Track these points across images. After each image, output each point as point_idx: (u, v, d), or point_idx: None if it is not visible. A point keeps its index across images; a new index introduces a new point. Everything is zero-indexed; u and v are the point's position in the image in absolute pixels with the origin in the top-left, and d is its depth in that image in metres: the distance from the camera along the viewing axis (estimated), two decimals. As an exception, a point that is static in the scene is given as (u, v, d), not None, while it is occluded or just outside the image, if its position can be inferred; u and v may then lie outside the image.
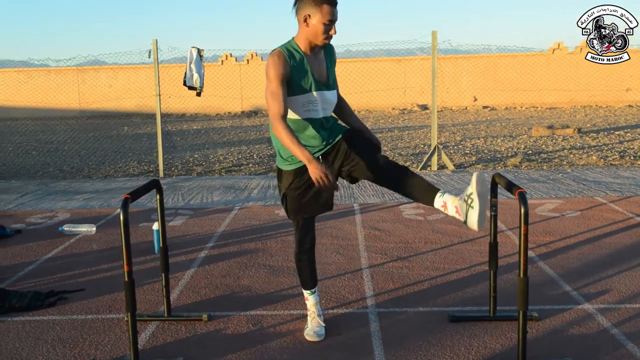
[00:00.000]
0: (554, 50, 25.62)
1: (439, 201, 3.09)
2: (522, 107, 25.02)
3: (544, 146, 12.06)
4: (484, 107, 25.19)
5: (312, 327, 3.48)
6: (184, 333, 3.56)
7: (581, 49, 25.35)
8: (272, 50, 3.18)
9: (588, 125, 16.31)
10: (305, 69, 3.14)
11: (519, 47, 23.55)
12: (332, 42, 3.22)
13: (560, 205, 6.58)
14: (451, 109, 25.07)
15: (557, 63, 25.41)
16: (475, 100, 25.87)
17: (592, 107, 24.17)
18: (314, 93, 3.16)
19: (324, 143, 3.25)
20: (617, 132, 14.18)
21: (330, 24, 3.09)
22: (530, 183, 7.93)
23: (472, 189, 2.97)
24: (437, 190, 3.13)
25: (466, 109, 25.23)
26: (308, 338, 3.43)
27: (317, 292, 3.60)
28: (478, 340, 3.36)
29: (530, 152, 11.26)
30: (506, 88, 24.99)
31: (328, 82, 3.24)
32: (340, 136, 3.28)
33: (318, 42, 3.15)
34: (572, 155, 10.62)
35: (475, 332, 3.46)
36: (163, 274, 3.74)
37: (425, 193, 3.15)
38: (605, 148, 11.47)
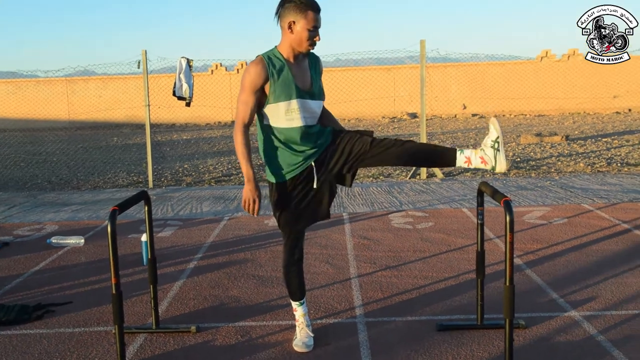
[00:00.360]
0: (541, 58, 25.82)
1: (461, 158, 3.22)
2: (510, 115, 25.18)
3: (532, 153, 12.14)
4: (473, 115, 25.33)
5: (301, 338, 3.48)
6: (173, 345, 3.56)
7: (569, 56, 25.58)
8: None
9: (576, 132, 16.44)
10: (287, 77, 3.15)
11: (507, 56, 23.74)
12: (321, 51, 3.25)
13: (547, 212, 6.62)
14: (440, 117, 25.19)
15: (545, 71, 25.60)
16: (464, 108, 26.00)
17: (580, 115, 24.36)
18: (295, 101, 3.16)
19: (313, 148, 3.25)
20: (604, 139, 14.29)
21: (314, 30, 3.11)
22: (519, 190, 7.97)
23: (497, 132, 3.17)
24: (454, 149, 3.25)
25: (455, 116, 25.36)
26: (297, 349, 3.43)
27: (305, 303, 3.60)
28: (465, 349, 3.38)
29: (519, 159, 11.33)
30: (495, 96, 25.15)
31: (312, 91, 3.23)
32: (329, 138, 3.29)
33: (302, 49, 3.16)
34: (559, 163, 10.70)
35: (463, 340, 3.47)
36: (151, 286, 3.74)
37: (442, 155, 3.25)
38: (593, 155, 11.56)
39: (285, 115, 3.18)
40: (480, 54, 21.00)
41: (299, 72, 3.20)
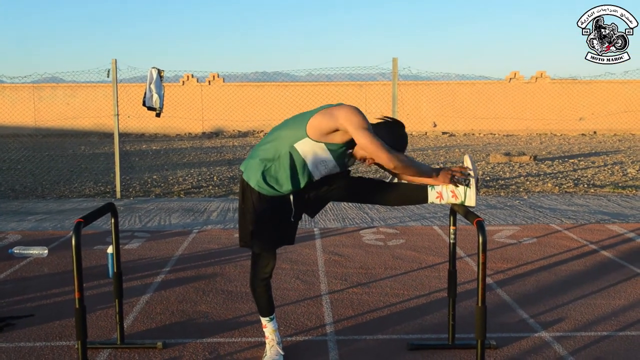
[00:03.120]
0: (510, 79, 26.29)
1: (432, 194, 3.31)
2: (480, 134, 25.51)
3: (501, 173, 12.28)
4: (443, 133, 25.60)
5: (271, 356, 3.41)
6: (137, 362, 3.45)
7: (536, 78, 26.09)
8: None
9: (543, 152, 16.71)
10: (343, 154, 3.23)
11: (477, 76, 24.14)
12: (293, 65, 3.26)
13: (517, 232, 6.67)
14: (411, 134, 25.40)
15: (513, 92, 26.06)
16: (435, 126, 26.28)
17: (547, 135, 24.80)
18: (334, 165, 3.21)
19: (301, 187, 3.26)
20: (571, 160, 14.55)
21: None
22: (488, 209, 8.03)
23: (468, 171, 3.25)
24: (425, 186, 3.32)
25: (426, 134, 25.59)
26: (266, 367, 3.36)
27: (275, 319, 3.54)
28: (437, 368, 3.34)
29: (488, 178, 11.44)
30: (465, 115, 25.48)
31: (345, 165, 3.31)
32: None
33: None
34: (528, 182, 10.84)
35: (434, 360, 3.44)
36: (117, 300, 3.63)
37: (415, 194, 3.34)
38: (560, 175, 11.75)
39: (317, 165, 3.19)
40: (451, 74, 21.29)
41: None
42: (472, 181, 3.26)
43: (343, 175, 3.35)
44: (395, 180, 3.47)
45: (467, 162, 3.30)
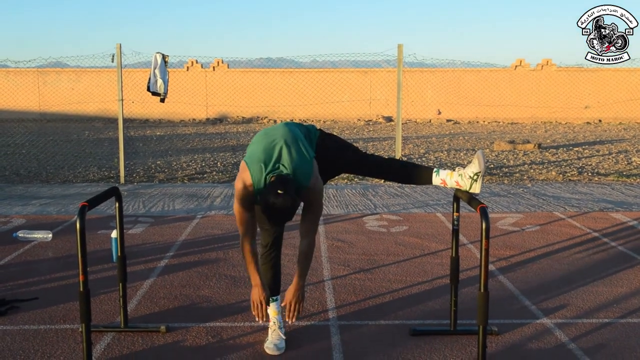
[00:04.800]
0: (516, 66, 26.14)
1: (436, 180, 3.46)
2: (484, 122, 25.43)
3: (505, 160, 12.26)
4: (448, 121, 25.52)
5: (272, 340, 3.43)
6: (141, 345, 3.48)
7: (542, 66, 25.94)
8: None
9: (548, 141, 16.66)
10: None
11: (483, 63, 23.99)
12: (298, 51, 3.28)
13: (520, 219, 6.67)
14: (415, 122, 25.33)
15: (519, 79, 25.93)
16: (439, 113, 26.19)
17: (552, 124, 24.71)
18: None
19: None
20: (575, 149, 14.50)
21: None
22: (492, 197, 8.03)
23: (480, 168, 3.34)
24: (431, 169, 3.47)
25: (430, 121, 25.52)
26: (268, 351, 3.39)
27: (279, 301, 3.57)
28: (438, 354, 3.36)
29: (492, 166, 11.42)
30: (469, 102, 25.38)
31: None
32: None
33: None
34: (532, 170, 10.81)
35: (436, 346, 3.46)
36: (120, 284, 3.66)
37: (420, 175, 3.52)
38: (564, 164, 11.71)
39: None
40: (456, 61, 21.17)
41: None
42: (480, 178, 3.35)
43: (356, 150, 3.54)
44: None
45: (479, 161, 3.33)
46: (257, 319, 3.33)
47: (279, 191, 2.98)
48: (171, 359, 3.32)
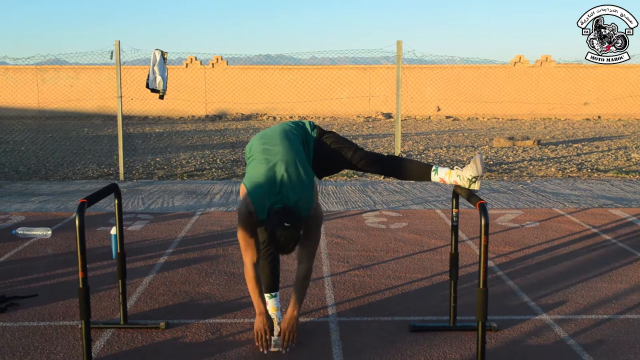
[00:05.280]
0: (515, 63, 26.12)
1: (435, 178, 3.48)
2: (483, 118, 25.42)
3: (504, 157, 12.25)
4: (447, 117, 25.51)
5: (272, 337, 3.43)
6: (140, 341, 3.48)
7: (541, 63, 25.93)
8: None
9: (547, 137, 16.65)
10: None
11: (482, 59, 24.00)
12: (297, 48, 3.29)
13: (519, 215, 6.68)
14: (415, 118, 25.32)
15: (518, 76, 25.91)
16: (439, 110, 26.18)
17: (552, 120, 24.70)
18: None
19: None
20: (575, 145, 14.50)
21: None
22: (491, 193, 8.03)
23: (478, 172, 3.34)
24: (430, 167, 3.49)
25: (429, 118, 25.51)
26: (268, 347, 3.39)
27: (278, 298, 3.58)
28: (438, 350, 3.37)
29: (491, 162, 11.42)
30: (469, 99, 25.37)
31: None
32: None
33: None
34: (531, 167, 10.82)
35: (435, 342, 3.46)
36: (120, 280, 3.66)
37: (420, 173, 3.53)
38: (564, 160, 11.72)
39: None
40: (456, 57, 21.16)
41: None
42: (479, 180, 3.37)
43: (355, 147, 3.55)
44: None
45: (477, 165, 3.33)
46: (261, 350, 3.30)
47: (286, 224, 3.00)
48: (171, 355, 3.32)
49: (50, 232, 5.76)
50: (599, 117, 25.59)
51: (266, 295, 3.58)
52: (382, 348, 3.39)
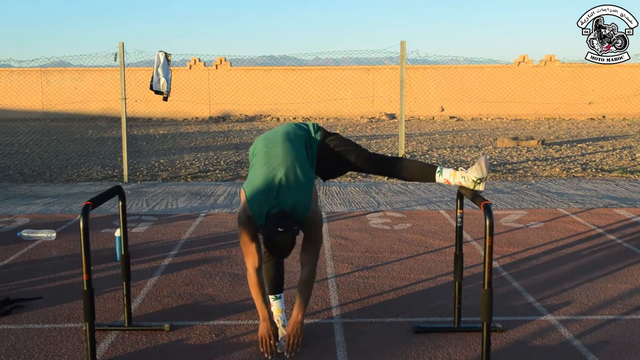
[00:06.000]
0: (519, 63, 26.08)
1: (440, 179, 3.46)
2: (487, 118, 25.38)
3: (508, 157, 12.23)
4: (451, 118, 25.48)
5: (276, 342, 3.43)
6: (145, 343, 3.48)
7: (545, 62, 25.87)
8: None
9: (552, 137, 16.62)
10: None
11: (486, 59, 23.93)
12: (301, 49, 3.29)
13: (524, 216, 6.66)
14: (418, 119, 25.30)
15: (522, 76, 25.86)
16: (443, 110, 26.15)
17: (556, 120, 24.65)
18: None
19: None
20: (579, 145, 14.47)
21: None
22: (495, 194, 8.01)
23: (482, 175, 3.32)
24: (434, 168, 3.48)
25: (433, 118, 25.48)
26: (272, 349, 3.38)
27: (282, 299, 3.58)
28: (442, 351, 3.36)
29: (495, 162, 11.40)
30: (473, 99, 25.34)
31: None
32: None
33: None
34: (536, 167, 10.79)
35: (440, 343, 3.45)
36: (124, 282, 3.66)
37: (424, 175, 3.53)
38: (568, 160, 11.69)
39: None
40: (459, 57, 21.12)
41: None
42: (483, 182, 3.37)
43: (359, 149, 3.55)
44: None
45: (482, 167, 3.32)
46: (265, 355, 3.29)
47: (280, 229, 3.02)
48: (175, 357, 3.32)
49: (54, 234, 5.77)
50: (604, 116, 25.52)
51: (270, 297, 3.58)
52: (387, 349, 3.39)
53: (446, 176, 3.43)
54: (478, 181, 3.36)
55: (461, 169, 3.43)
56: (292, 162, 3.24)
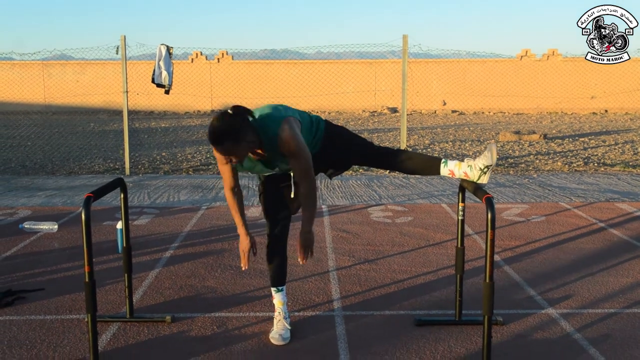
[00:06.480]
0: (521, 57, 26.01)
1: (444, 171, 3.41)
2: (490, 112, 25.34)
3: (510, 151, 12.22)
4: (453, 112, 25.44)
5: (278, 330, 3.44)
6: (147, 335, 3.49)
7: (548, 56, 25.80)
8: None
9: (554, 131, 16.59)
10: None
11: (488, 53, 23.86)
12: (303, 42, 3.26)
13: (526, 210, 6.65)
14: (420, 113, 25.26)
15: (524, 70, 25.80)
16: (445, 104, 26.11)
17: (558, 114, 24.60)
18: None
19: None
20: (581, 139, 14.44)
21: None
22: (497, 187, 8.01)
23: (492, 162, 3.28)
24: (439, 160, 3.43)
25: (435, 112, 25.45)
26: (273, 341, 3.39)
27: (284, 292, 3.59)
28: (443, 344, 3.36)
29: (498, 156, 11.38)
30: (475, 93, 25.29)
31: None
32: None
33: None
34: (537, 161, 10.78)
35: (441, 336, 3.46)
36: (126, 274, 3.67)
37: (428, 166, 3.47)
38: (570, 154, 11.67)
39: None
40: (462, 51, 21.02)
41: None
42: (490, 170, 3.33)
43: (361, 140, 3.52)
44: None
45: (492, 153, 3.28)
46: (242, 267, 3.44)
47: (229, 110, 3.02)
48: (177, 349, 3.33)
49: (56, 226, 5.78)
50: (606, 110, 25.47)
51: (273, 290, 3.58)
52: (388, 342, 3.39)
53: (451, 167, 3.38)
54: (485, 169, 3.29)
55: (467, 160, 3.40)
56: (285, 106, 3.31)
